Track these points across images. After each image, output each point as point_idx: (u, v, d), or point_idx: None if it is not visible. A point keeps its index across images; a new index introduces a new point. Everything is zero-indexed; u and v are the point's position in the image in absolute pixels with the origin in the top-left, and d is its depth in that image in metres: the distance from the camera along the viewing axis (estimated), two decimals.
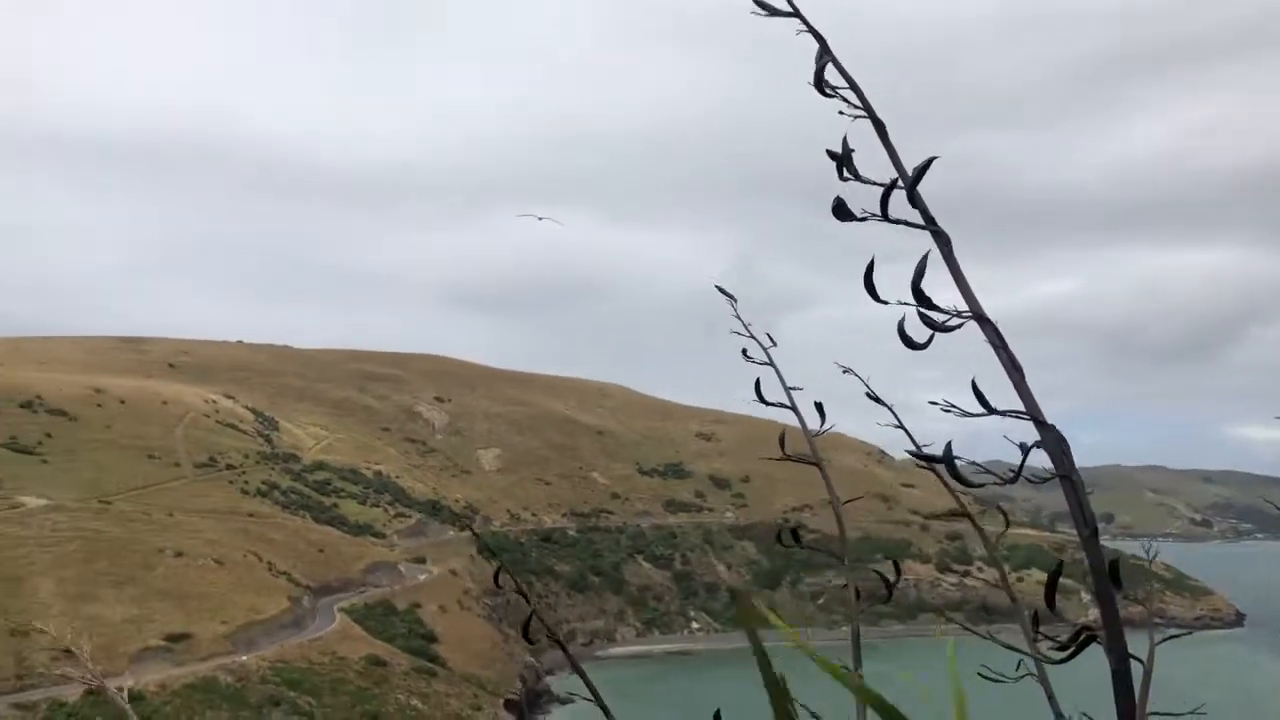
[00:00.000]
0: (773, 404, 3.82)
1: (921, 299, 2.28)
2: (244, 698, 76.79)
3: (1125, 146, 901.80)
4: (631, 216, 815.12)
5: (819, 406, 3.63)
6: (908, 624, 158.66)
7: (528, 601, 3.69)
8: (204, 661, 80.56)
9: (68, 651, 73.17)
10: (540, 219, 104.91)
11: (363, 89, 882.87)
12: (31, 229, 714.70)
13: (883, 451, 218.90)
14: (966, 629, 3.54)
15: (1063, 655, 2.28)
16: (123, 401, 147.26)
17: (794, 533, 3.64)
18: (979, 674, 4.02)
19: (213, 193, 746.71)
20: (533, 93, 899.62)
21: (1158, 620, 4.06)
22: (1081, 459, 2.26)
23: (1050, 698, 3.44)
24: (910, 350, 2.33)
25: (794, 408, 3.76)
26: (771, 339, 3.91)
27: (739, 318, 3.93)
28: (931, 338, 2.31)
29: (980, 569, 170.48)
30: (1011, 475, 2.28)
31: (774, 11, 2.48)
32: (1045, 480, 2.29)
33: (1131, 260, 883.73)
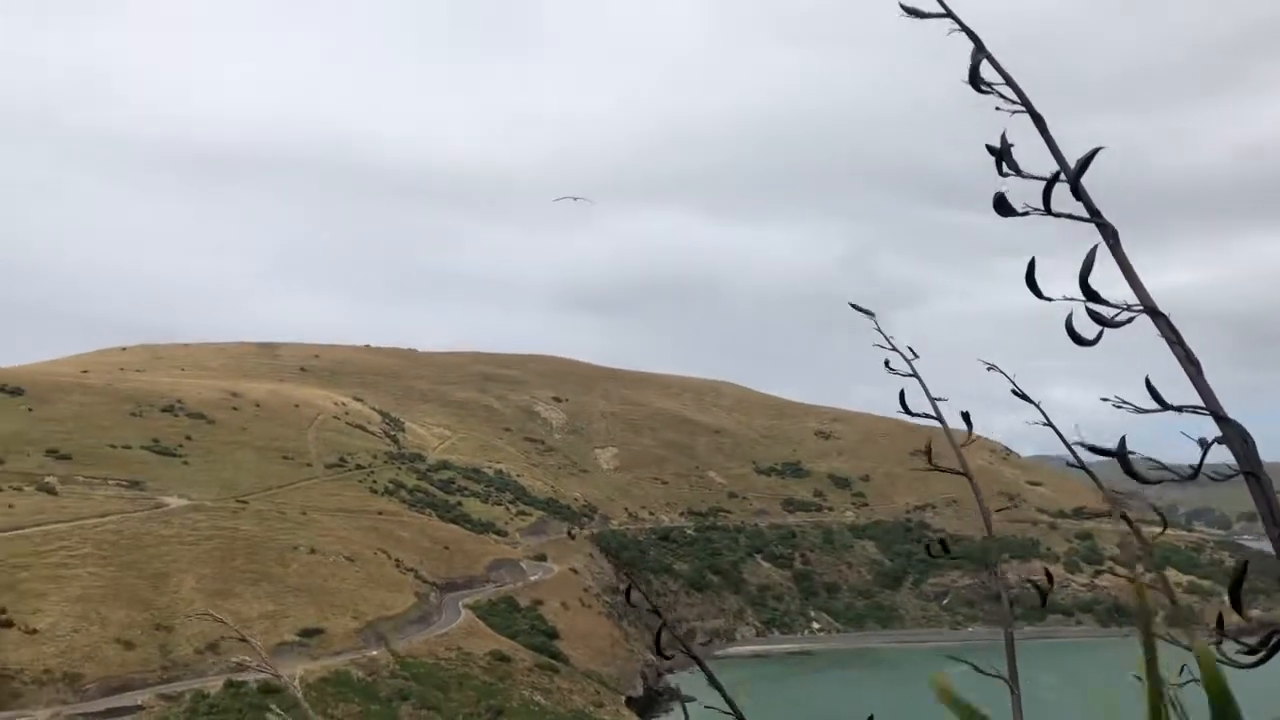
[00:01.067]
0: (918, 415, 3.79)
1: (1089, 293, 2.24)
2: (374, 691, 79.00)
3: (1257, 127, 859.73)
4: (740, 213, 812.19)
5: (965, 417, 3.60)
6: (1037, 625, 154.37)
7: (659, 616, 3.67)
8: (336, 656, 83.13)
9: (213, 645, 76.09)
10: (575, 199, 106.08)
11: (468, 93, 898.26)
12: (169, 241, 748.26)
13: (1007, 449, 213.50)
14: (1165, 639, 3.41)
15: (1253, 659, 2.20)
16: (258, 405, 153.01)
17: (942, 544, 3.60)
18: (1135, 677, 3.89)
19: (333, 200, 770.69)
20: (637, 92, 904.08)
21: None
22: (1216, 454, 2.18)
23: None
24: (1078, 346, 2.29)
25: (939, 418, 3.71)
26: (914, 351, 3.87)
27: (880, 330, 3.89)
28: (1101, 333, 2.27)
29: (1111, 569, 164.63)
30: (1191, 471, 2.20)
31: (922, 15, 2.47)
32: (1229, 477, 2.22)
33: (1264, 245, 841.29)
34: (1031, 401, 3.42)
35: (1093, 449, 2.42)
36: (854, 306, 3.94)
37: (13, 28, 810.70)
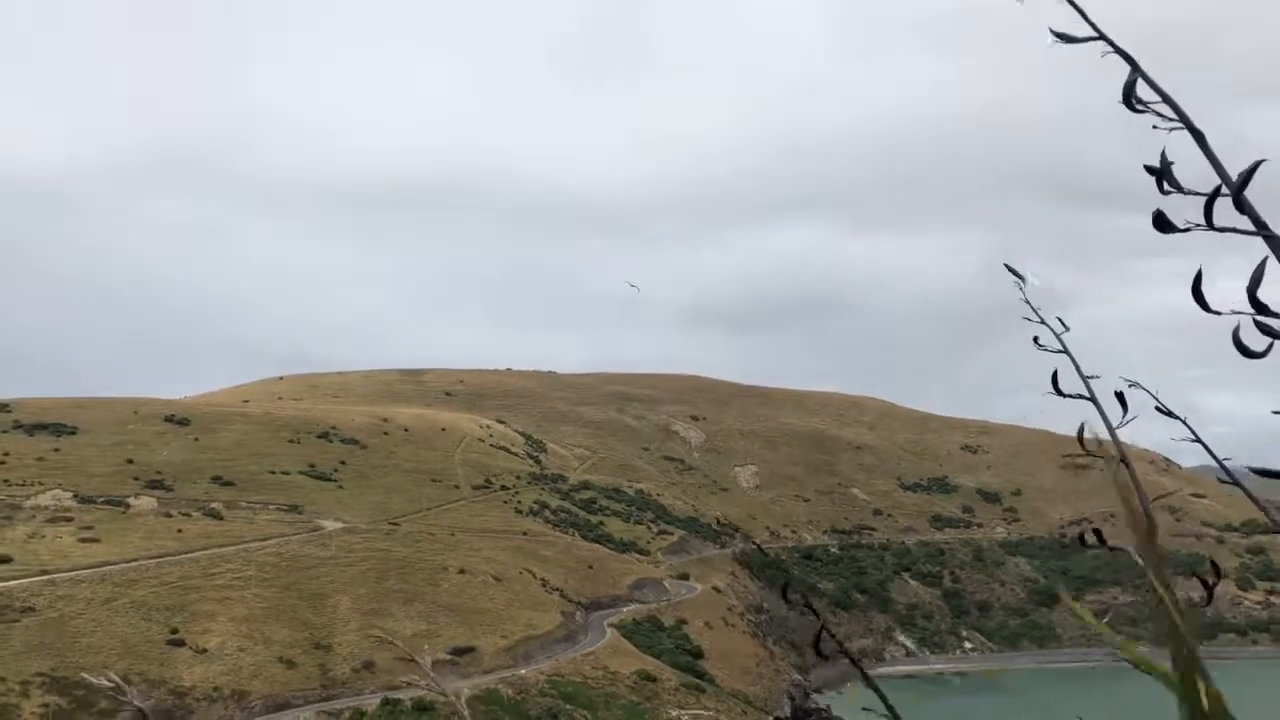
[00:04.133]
0: (1070, 395, 3.61)
1: (1259, 306, 2.24)
2: (523, 710, 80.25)
3: None
4: (875, 224, 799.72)
5: (1120, 397, 3.34)
6: (1206, 644, 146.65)
7: (816, 616, 3.74)
8: (487, 674, 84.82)
9: (369, 664, 78.46)
10: (633, 286, 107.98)
11: (597, 118, 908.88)
12: (320, 273, 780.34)
13: (1168, 460, 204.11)
14: None
15: None
16: (406, 429, 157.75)
17: (1098, 534, 3.50)
18: None
19: (471, 229, 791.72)
20: (765, 107, 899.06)
21: None
22: None
23: None
24: (1246, 359, 2.29)
25: (1093, 398, 3.50)
26: (1063, 323, 3.61)
27: (1028, 302, 3.63)
28: (1270, 346, 2.26)
29: None
30: None
31: (1074, 40, 2.50)
32: None
33: None
34: (1178, 418, 3.34)
35: (1262, 472, 2.40)
36: (1008, 268, 3.77)
37: (180, 74, 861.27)
